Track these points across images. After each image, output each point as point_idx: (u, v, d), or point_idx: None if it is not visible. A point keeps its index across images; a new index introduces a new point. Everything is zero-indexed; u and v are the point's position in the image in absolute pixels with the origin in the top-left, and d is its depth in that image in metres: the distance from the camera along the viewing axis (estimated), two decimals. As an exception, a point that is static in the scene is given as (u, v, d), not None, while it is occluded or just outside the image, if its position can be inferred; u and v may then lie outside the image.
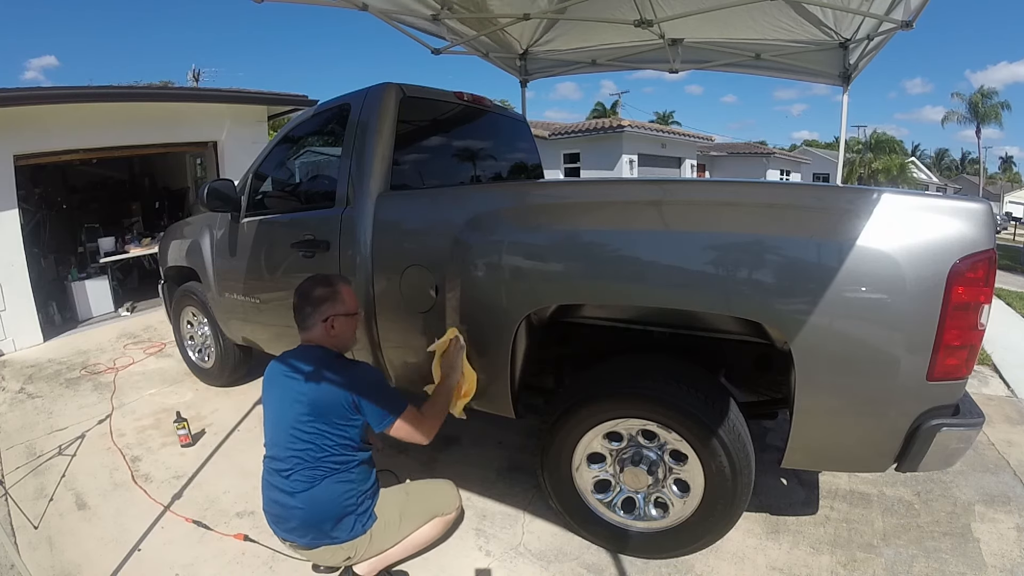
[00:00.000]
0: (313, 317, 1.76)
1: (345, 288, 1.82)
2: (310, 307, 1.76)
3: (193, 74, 21.83)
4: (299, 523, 1.66)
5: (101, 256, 5.58)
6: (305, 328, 1.79)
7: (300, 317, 1.79)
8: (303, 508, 1.64)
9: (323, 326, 1.76)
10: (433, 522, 1.86)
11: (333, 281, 1.82)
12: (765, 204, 1.60)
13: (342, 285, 1.82)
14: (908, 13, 2.72)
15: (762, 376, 2.03)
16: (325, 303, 1.76)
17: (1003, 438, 2.70)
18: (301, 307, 1.78)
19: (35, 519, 2.24)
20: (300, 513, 1.65)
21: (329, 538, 1.67)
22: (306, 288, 1.80)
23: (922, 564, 1.85)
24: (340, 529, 1.67)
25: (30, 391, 3.67)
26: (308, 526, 1.66)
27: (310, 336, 1.78)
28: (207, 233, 3.12)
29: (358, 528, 1.69)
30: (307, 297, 1.78)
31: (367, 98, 2.31)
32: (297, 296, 1.80)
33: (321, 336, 1.77)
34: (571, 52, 4.32)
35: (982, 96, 32.00)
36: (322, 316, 1.75)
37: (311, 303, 1.76)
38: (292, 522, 1.67)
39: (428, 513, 1.86)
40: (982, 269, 1.37)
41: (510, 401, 1.95)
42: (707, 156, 21.35)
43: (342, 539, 1.67)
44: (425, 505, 1.87)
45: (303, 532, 1.67)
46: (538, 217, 1.85)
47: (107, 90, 5.17)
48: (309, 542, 1.68)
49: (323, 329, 1.76)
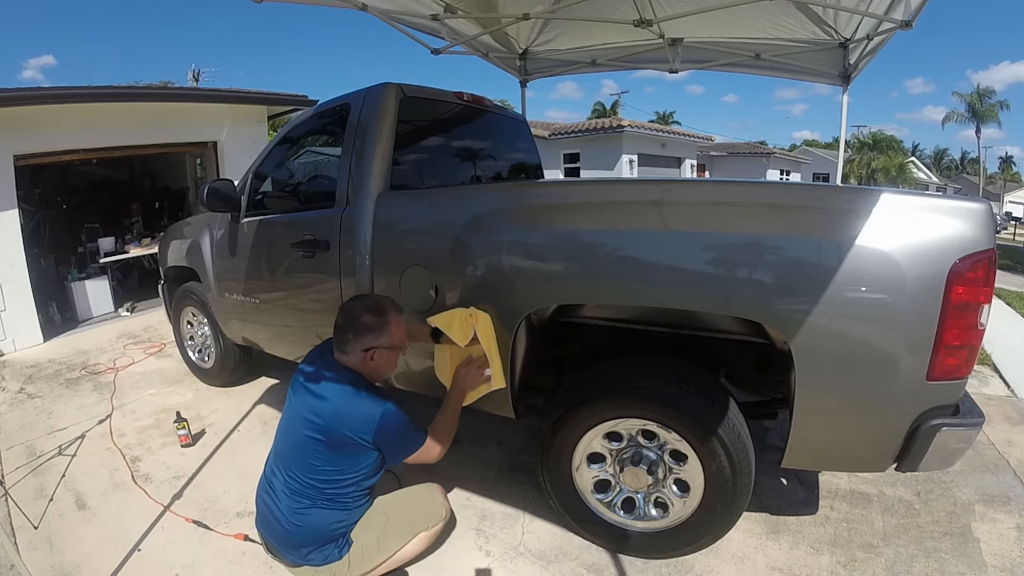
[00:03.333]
0: (353, 344, 1.64)
1: (396, 319, 1.68)
2: (353, 333, 1.64)
3: (193, 74, 21.82)
4: (282, 541, 1.66)
5: (101, 256, 5.58)
6: (342, 352, 1.66)
7: (339, 339, 1.66)
8: (288, 530, 1.63)
9: (362, 355, 1.64)
10: (418, 538, 1.77)
11: (384, 309, 1.68)
12: (765, 204, 1.60)
13: (393, 315, 1.68)
14: (908, 13, 2.72)
15: (762, 376, 2.03)
16: (370, 334, 1.63)
17: (1003, 438, 2.70)
18: (344, 329, 1.65)
19: (35, 519, 2.24)
20: (284, 532, 1.64)
21: (305, 560, 1.65)
22: (354, 311, 1.66)
23: (922, 564, 1.85)
24: (317, 554, 1.64)
25: (30, 391, 3.67)
26: (289, 545, 1.65)
27: (346, 361, 1.66)
28: (207, 233, 3.12)
29: (334, 554, 1.65)
30: (353, 322, 1.64)
31: (367, 98, 2.32)
32: (341, 316, 1.67)
33: (358, 364, 1.65)
34: (571, 52, 4.32)
35: (979, 96, 32.01)
36: (364, 346, 1.64)
37: (355, 329, 1.64)
38: (276, 537, 1.67)
39: (410, 532, 1.76)
40: (982, 269, 1.37)
41: (510, 401, 1.95)
42: (707, 156, 21.36)
43: (317, 563, 1.64)
44: (406, 525, 1.76)
45: (283, 548, 1.67)
46: (538, 217, 1.85)
47: (107, 90, 5.17)
48: (288, 559, 1.68)
49: (361, 358, 1.65)
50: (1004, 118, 31.88)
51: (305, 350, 2.69)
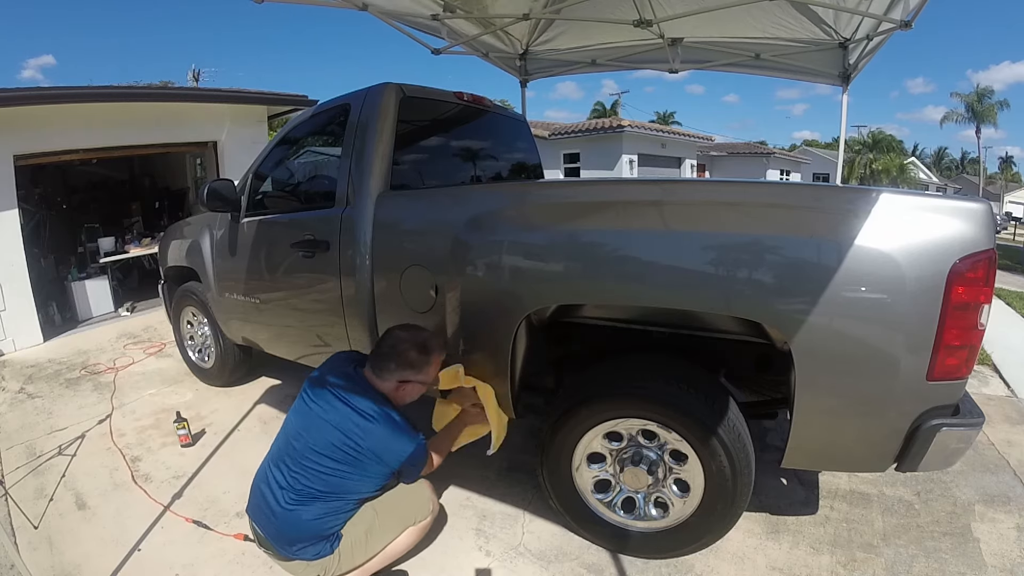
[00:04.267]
0: (391, 372, 1.71)
1: (437, 360, 1.78)
2: (395, 364, 1.71)
3: (193, 74, 21.80)
4: (275, 534, 1.67)
5: (101, 256, 5.58)
6: (377, 376, 1.73)
7: (379, 364, 1.72)
8: (283, 527, 1.65)
9: (395, 384, 1.73)
10: (407, 532, 1.80)
11: (430, 348, 1.76)
12: (765, 204, 1.60)
13: (436, 356, 1.78)
14: (907, 13, 2.73)
15: (762, 376, 2.03)
16: (410, 369, 1.72)
17: (1003, 438, 2.70)
18: (387, 358, 1.72)
19: (35, 519, 2.24)
20: (278, 527, 1.65)
21: (296, 555, 1.67)
22: (402, 346, 1.73)
23: (922, 564, 1.85)
24: (307, 550, 1.65)
25: (30, 391, 3.67)
26: (282, 540, 1.66)
27: (377, 384, 1.73)
28: (207, 233, 3.12)
29: (324, 549, 1.67)
30: (399, 356, 1.71)
31: (367, 98, 2.32)
32: (388, 345, 1.74)
33: (388, 389, 1.73)
34: (571, 52, 4.33)
35: (978, 96, 32.00)
36: (400, 377, 1.72)
37: (398, 361, 1.71)
38: (269, 530, 1.68)
39: (399, 526, 1.78)
40: (982, 269, 1.37)
41: (510, 401, 1.95)
42: (707, 156, 21.37)
43: (308, 557, 1.66)
44: (394, 519, 1.78)
45: (276, 542, 1.68)
46: (538, 217, 1.85)
47: (107, 90, 5.17)
48: (281, 552, 1.69)
49: (394, 387, 1.73)
50: (1004, 118, 31.98)
51: (305, 350, 2.73)
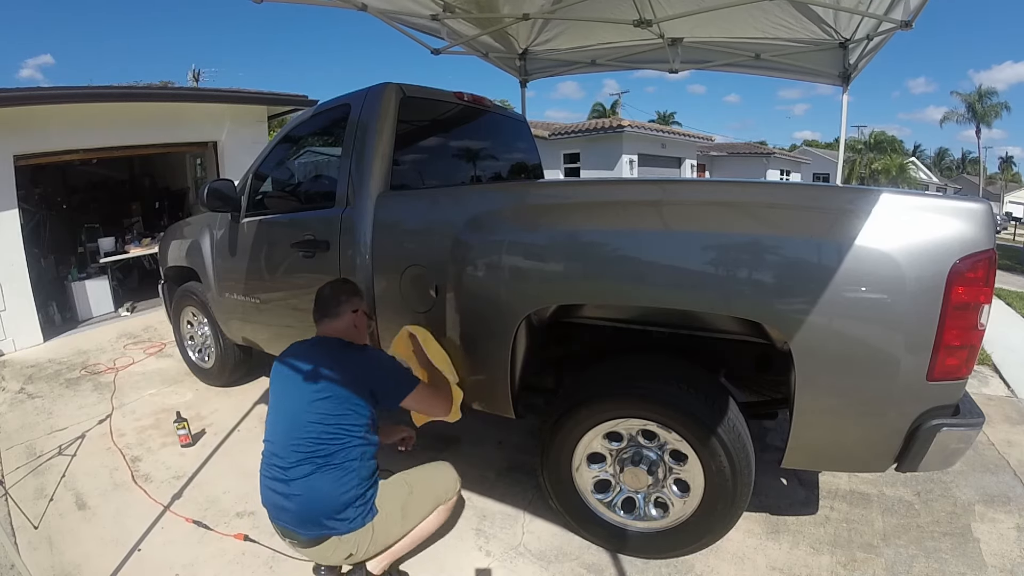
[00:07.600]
0: (344, 306, 1.84)
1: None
2: (344, 296, 1.86)
3: (193, 74, 21.80)
4: (296, 512, 1.63)
5: (101, 256, 5.57)
6: (333, 317, 1.84)
7: (330, 306, 1.85)
8: (297, 505, 1.61)
9: (352, 316, 1.85)
10: (437, 511, 1.85)
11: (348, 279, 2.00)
12: (765, 204, 1.60)
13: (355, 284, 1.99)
14: (907, 13, 2.72)
15: (762, 376, 2.03)
16: (355, 296, 1.89)
17: (1003, 438, 2.70)
18: (334, 297, 1.85)
19: (35, 519, 2.24)
20: (294, 508, 1.62)
21: (327, 529, 1.62)
22: (334, 284, 1.92)
23: (922, 564, 1.85)
24: (339, 520, 1.62)
25: (30, 391, 3.67)
26: (301, 521, 1.63)
27: (334, 327, 1.84)
28: (207, 233, 3.12)
29: (358, 520, 1.64)
30: (340, 289, 1.88)
31: (367, 98, 2.32)
32: (328, 289, 1.88)
33: (346, 326, 1.84)
34: (571, 52, 4.32)
35: (979, 96, 31.99)
36: (352, 307, 1.86)
37: (345, 293, 1.87)
38: (290, 512, 1.64)
39: (432, 502, 1.84)
40: (982, 269, 1.37)
41: (510, 401, 1.95)
42: (707, 156, 21.35)
43: (341, 531, 1.62)
44: (428, 495, 1.84)
45: (300, 523, 1.63)
46: (538, 217, 1.85)
47: (107, 90, 5.17)
48: (308, 534, 1.64)
49: (351, 319, 1.85)
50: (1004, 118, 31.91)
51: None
